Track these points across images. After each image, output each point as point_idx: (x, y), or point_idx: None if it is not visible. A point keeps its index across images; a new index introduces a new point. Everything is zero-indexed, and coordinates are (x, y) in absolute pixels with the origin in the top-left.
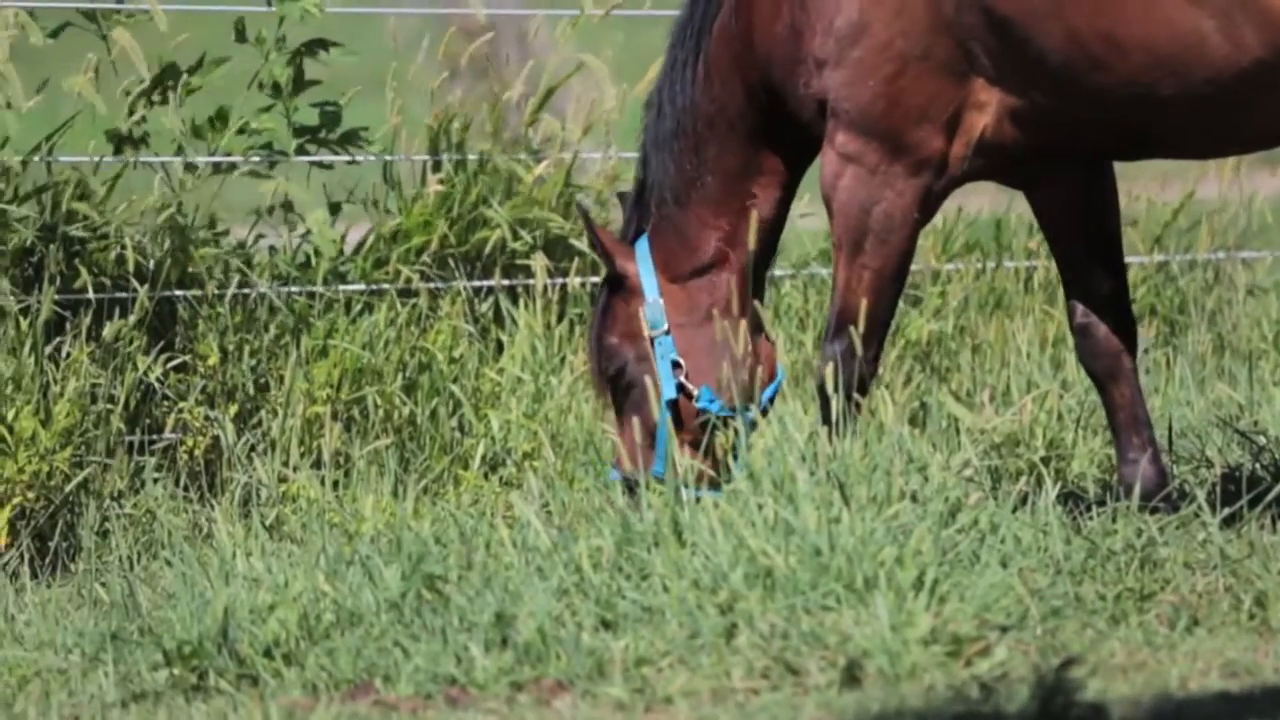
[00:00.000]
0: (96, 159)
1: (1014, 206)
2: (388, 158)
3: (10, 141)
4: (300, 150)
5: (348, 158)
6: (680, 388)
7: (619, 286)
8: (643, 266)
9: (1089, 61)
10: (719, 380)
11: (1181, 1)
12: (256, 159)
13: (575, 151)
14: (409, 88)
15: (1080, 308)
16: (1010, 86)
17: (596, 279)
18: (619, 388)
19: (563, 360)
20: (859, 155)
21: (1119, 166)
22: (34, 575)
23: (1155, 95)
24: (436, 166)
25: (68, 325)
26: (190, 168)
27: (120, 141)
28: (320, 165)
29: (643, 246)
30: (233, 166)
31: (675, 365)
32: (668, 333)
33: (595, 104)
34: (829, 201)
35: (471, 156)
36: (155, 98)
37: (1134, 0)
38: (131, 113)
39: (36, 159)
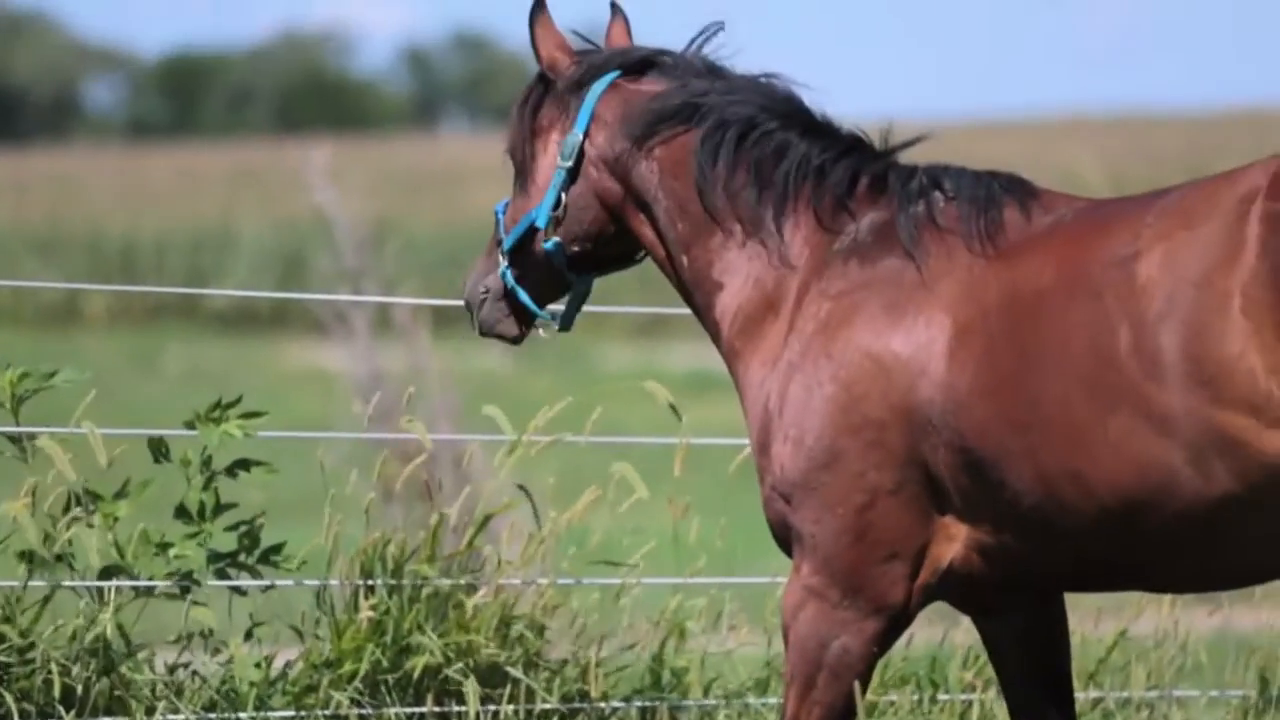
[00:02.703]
0: (18, 583)
1: (950, 637)
2: (317, 582)
3: None
4: (220, 574)
5: (268, 582)
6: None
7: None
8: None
9: (1058, 502)
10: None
11: (1151, 438)
12: (173, 583)
13: (513, 580)
14: (344, 510)
15: None
16: (981, 523)
17: (530, 706)
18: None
19: None
20: (823, 590)
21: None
22: None
23: (1125, 532)
24: (370, 590)
25: None
26: (117, 591)
27: (43, 564)
28: (237, 591)
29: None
30: (152, 590)
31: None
32: None
33: (533, 535)
34: (787, 632)
35: (407, 581)
36: (80, 519)
37: (1104, 439)
38: (48, 537)
39: None
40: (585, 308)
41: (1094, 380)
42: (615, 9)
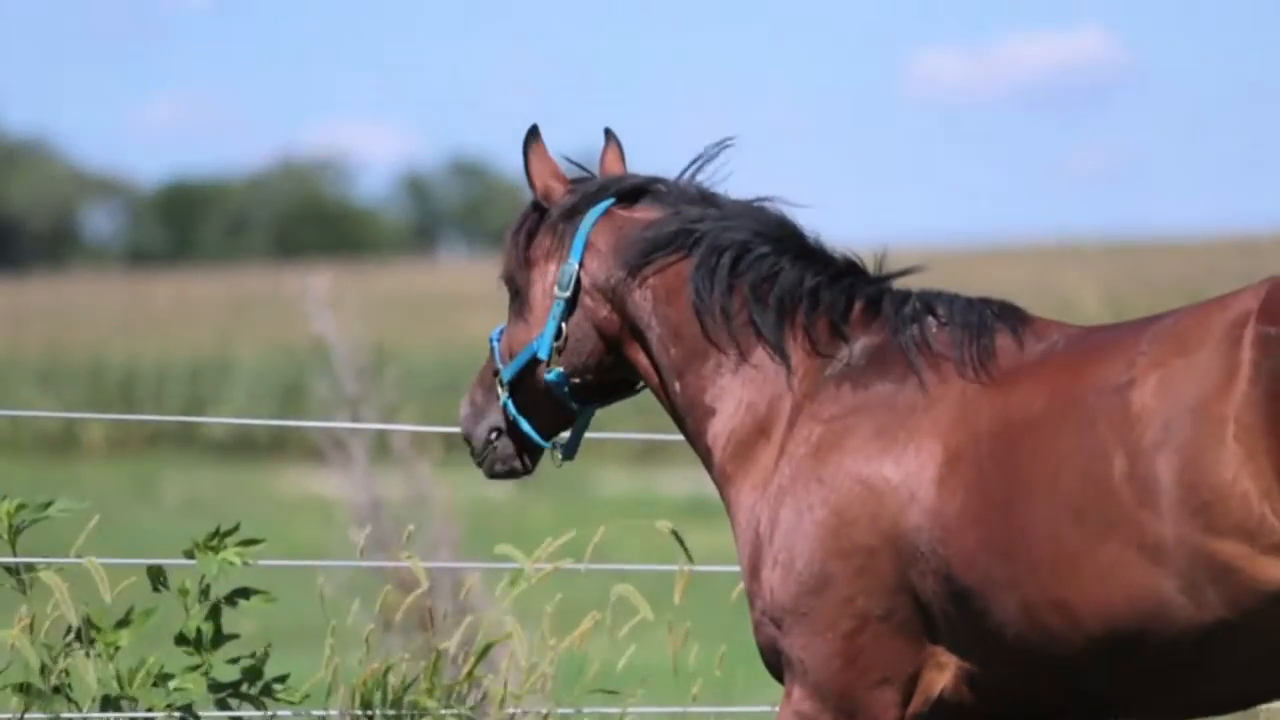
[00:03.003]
0: (17, 714)
1: None
2: (317, 712)
3: None
4: (221, 705)
5: (269, 713)
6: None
7: None
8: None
9: (1044, 632)
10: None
11: (1143, 567)
12: (178, 715)
13: (513, 712)
14: (344, 641)
15: None
16: (968, 653)
17: None
18: None
19: None
20: (814, 715)
21: None
22: None
23: (1115, 663)
24: None
25: None
26: None
27: (39, 695)
28: None
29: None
30: None
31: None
32: None
33: (534, 666)
34: None
35: (406, 712)
36: (78, 649)
37: (1093, 569)
38: (45, 668)
39: None
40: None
41: (1085, 508)
42: (609, 135)
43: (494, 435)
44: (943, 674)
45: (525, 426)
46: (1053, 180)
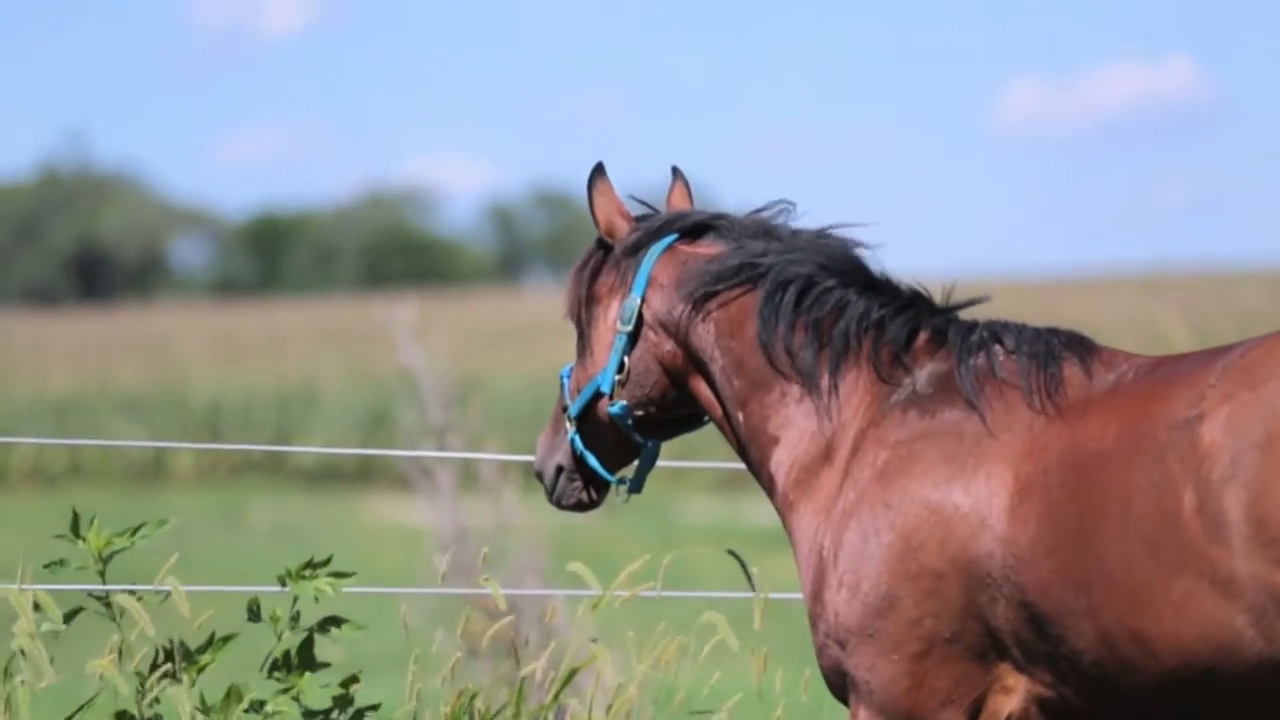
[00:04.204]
0: None
1: None
2: None
3: None
4: None
5: None
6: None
7: None
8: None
9: (1120, 661)
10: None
11: (1215, 599)
12: None
13: None
14: (429, 668)
15: None
16: (1040, 677)
17: None
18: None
19: None
20: None
21: None
22: None
23: (1186, 692)
24: None
25: None
26: None
27: None
28: None
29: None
30: None
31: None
32: None
33: (619, 689)
34: None
35: None
36: (168, 676)
37: (1166, 601)
38: (142, 692)
39: None
40: (666, 462)
41: (1157, 542)
42: (676, 172)
43: (559, 470)
44: (1010, 698)
45: (592, 461)
46: (1141, 212)
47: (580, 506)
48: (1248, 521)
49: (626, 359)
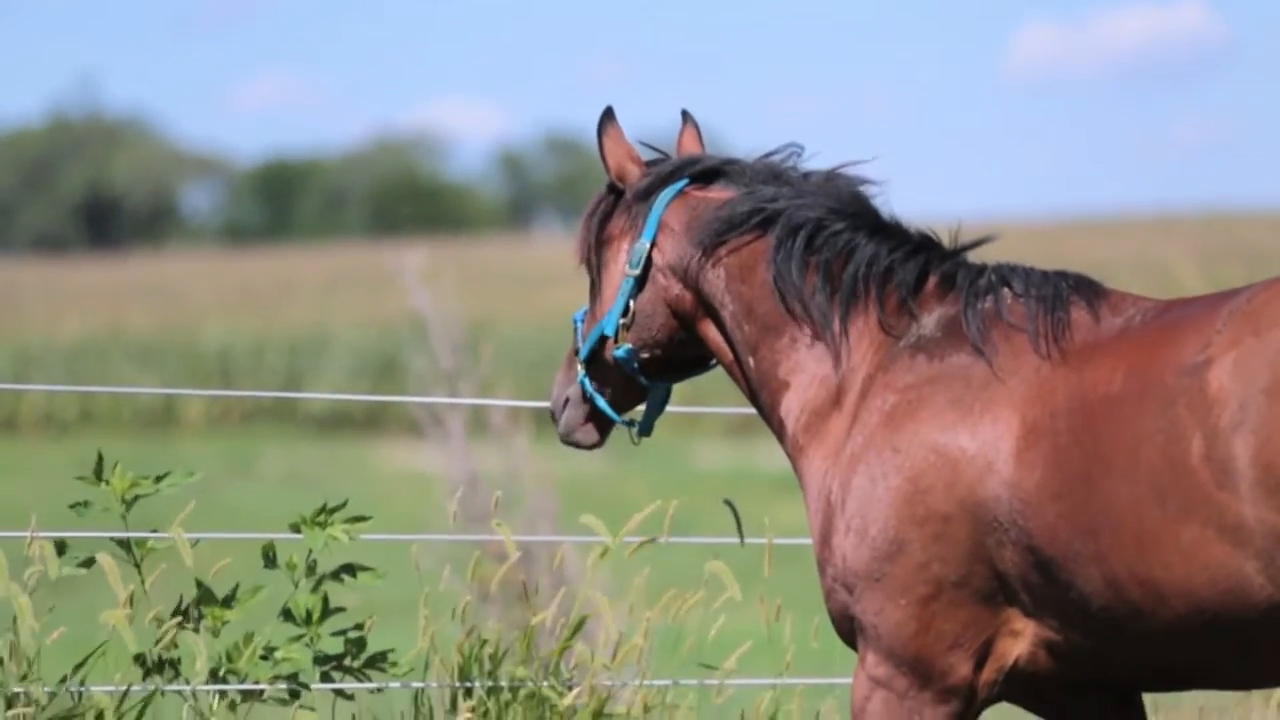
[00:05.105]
0: (124, 687)
1: None
2: (417, 684)
3: (36, 671)
4: (325, 677)
5: (373, 685)
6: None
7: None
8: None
9: (1129, 606)
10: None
11: (1222, 545)
12: (282, 686)
13: (609, 684)
14: (441, 612)
15: None
16: (1047, 621)
17: None
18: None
19: None
20: (888, 680)
21: (1158, 698)
22: None
23: (1195, 636)
24: (468, 693)
25: None
26: (221, 695)
27: (148, 668)
28: (341, 695)
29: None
30: (260, 693)
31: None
32: None
33: (625, 635)
34: None
35: (504, 683)
36: (188, 624)
37: (1175, 546)
38: (160, 640)
39: (64, 689)
40: (679, 407)
41: (1165, 488)
42: (686, 116)
43: (565, 401)
44: (1018, 641)
45: (600, 402)
46: (1151, 154)
47: (583, 444)
48: (1255, 467)
49: (632, 303)
